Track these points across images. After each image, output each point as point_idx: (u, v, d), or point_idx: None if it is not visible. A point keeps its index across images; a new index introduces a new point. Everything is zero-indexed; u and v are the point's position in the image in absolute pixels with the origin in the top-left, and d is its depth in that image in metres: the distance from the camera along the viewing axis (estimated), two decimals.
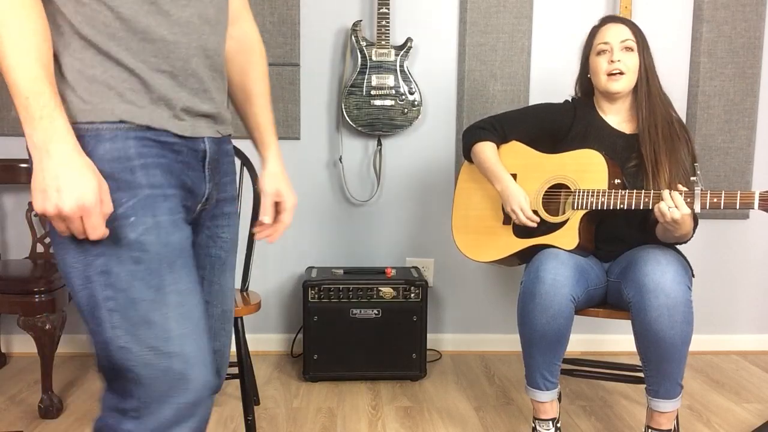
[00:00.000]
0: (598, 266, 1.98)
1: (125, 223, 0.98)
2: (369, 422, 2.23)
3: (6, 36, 0.89)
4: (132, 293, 0.98)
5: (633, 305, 1.77)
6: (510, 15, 2.80)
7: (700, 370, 2.79)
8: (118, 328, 0.98)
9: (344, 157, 2.85)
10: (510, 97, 2.83)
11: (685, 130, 1.98)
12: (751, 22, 2.84)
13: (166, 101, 1.02)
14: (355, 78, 2.70)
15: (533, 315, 1.81)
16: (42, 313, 2.16)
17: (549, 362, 1.86)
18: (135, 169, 0.99)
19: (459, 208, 2.19)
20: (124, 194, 0.98)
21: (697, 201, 1.74)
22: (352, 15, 2.77)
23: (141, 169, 0.99)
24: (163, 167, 1.02)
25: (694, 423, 2.26)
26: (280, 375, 2.66)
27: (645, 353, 1.79)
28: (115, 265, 0.98)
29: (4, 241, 2.82)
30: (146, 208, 0.99)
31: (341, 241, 2.90)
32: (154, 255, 0.99)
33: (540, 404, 1.90)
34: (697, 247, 2.12)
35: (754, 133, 2.90)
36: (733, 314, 3.04)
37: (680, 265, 1.79)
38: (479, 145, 2.09)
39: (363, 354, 2.55)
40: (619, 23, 2.00)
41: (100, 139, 0.97)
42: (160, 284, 1.00)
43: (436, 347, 2.90)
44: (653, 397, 1.82)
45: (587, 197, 1.90)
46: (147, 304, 0.98)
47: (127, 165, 0.98)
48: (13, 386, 2.50)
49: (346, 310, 2.52)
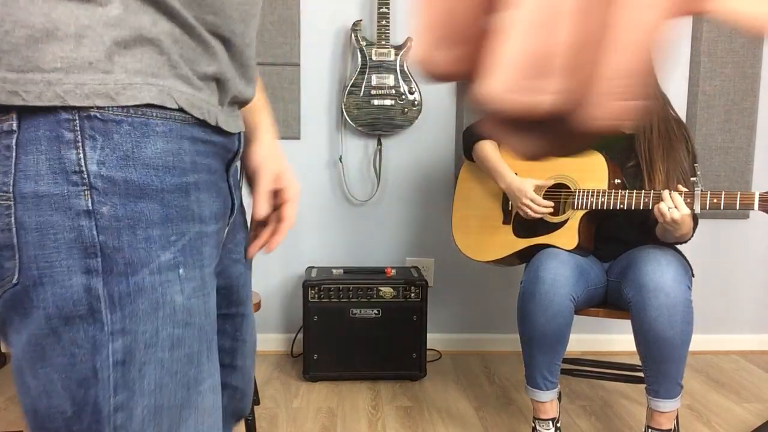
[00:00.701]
0: (598, 266, 1.98)
1: (172, 278, 0.63)
2: (369, 422, 2.23)
3: None
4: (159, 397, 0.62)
5: (633, 305, 1.77)
6: None
7: (700, 370, 2.79)
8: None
9: (344, 156, 2.84)
10: None
11: (684, 130, 1.98)
12: None
13: (222, 82, 0.69)
14: (355, 78, 2.70)
15: (533, 315, 1.81)
16: None
17: (549, 362, 1.86)
18: (189, 189, 0.65)
19: (459, 208, 2.19)
20: (173, 228, 0.63)
21: (696, 201, 1.74)
22: (352, 15, 2.77)
23: (194, 190, 0.66)
24: (210, 186, 0.69)
25: (694, 423, 2.26)
26: (280, 375, 2.66)
27: (645, 353, 1.79)
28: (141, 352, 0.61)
29: None
30: (195, 254, 0.66)
31: (341, 241, 2.90)
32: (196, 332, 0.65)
33: (540, 404, 1.90)
34: (697, 247, 2.11)
35: (754, 133, 2.90)
36: (733, 314, 3.04)
37: (680, 265, 1.79)
38: (480, 144, 2.09)
39: (363, 354, 2.55)
40: None
41: (149, 132, 0.61)
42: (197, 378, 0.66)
43: (436, 347, 2.90)
44: (653, 397, 1.82)
45: (587, 197, 1.90)
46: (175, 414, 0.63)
47: (182, 181, 0.64)
48: (13, 386, 2.50)
49: (346, 309, 2.52)
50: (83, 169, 0.58)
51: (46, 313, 0.58)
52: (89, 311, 0.58)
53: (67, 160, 0.57)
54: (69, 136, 0.57)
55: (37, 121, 0.57)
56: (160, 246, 0.61)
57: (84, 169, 0.58)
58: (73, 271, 0.58)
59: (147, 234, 0.60)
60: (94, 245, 0.58)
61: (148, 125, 0.60)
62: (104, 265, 0.59)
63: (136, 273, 0.60)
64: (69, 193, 0.57)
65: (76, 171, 0.58)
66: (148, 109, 0.60)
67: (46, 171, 0.57)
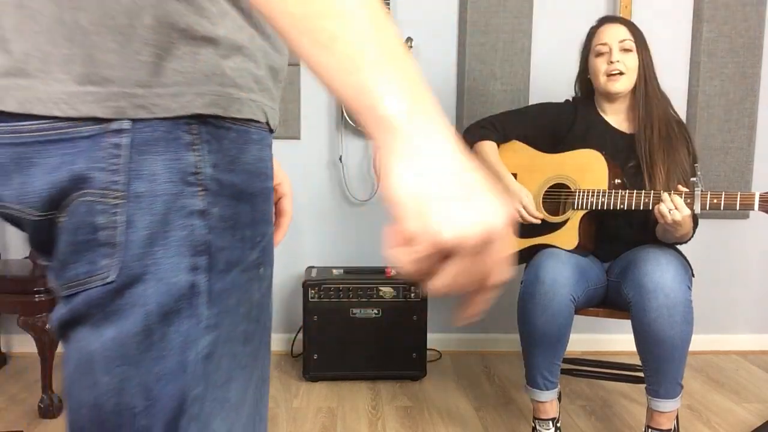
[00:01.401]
0: (598, 266, 1.98)
1: (254, 276, 0.66)
2: (369, 422, 2.23)
3: None
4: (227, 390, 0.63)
5: (633, 305, 1.78)
6: (510, 15, 2.80)
7: (700, 370, 2.79)
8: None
9: (344, 156, 2.85)
10: (510, 97, 2.83)
11: (684, 130, 1.99)
12: (751, 22, 2.84)
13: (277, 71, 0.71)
14: None
15: (533, 315, 1.81)
16: (42, 313, 2.16)
17: (549, 362, 1.86)
18: (268, 194, 0.68)
19: None
20: (258, 230, 0.66)
21: (697, 202, 1.74)
22: None
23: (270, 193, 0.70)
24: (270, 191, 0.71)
25: (694, 423, 2.26)
26: (280, 375, 2.66)
27: (645, 353, 1.79)
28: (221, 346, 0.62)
29: (4, 241, 2.82)
30: (269, 254, 0.70)
31: (341, 241, 2.90)
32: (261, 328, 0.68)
33: (540, 404, 1.90)
34: (697, 247, 2.11)
35: (754, 133, 2.90)
36: (733, 314, 3.04)
37: (680, 265, 1.79)
38: (480, 145, 2.09)
39: (363, 354, 2.55)
40: (617, 23, 2.00)
41: (248, 140, 0.65)
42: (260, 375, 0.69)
43: (436, 347, 2.90)
44: (653, 397, 1.82)
45: (587, 197, 1.90)
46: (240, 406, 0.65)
47: (265, 186, 0.68)
48: (13, 386, 2.50)
49: (346, 309, 2.52)
50: (200, 171, 0.60)
51: (144, 311, 0.58)
52: (189, 307, 0.60)
53: (185, 162, 0.59)
54: (187, 138, 0.59)
55: (153, 124, 0.58)
56: (250, 246, 0.64)
57: (201, 171, 0.60)
58: (180, 269, 0.59)
59: (242, 234, 0.63)
60: (204, 243, 0.60)
61: (248, 133, 0.64)
62: (210, 262, 0.60)
63: (232, 271, 0.62)
64: (184, 193, 0.59)
65: (193, 173, 0.59)
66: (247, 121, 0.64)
67: (163, 171, 0.58)
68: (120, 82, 0.57)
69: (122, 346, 0.59)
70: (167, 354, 0.59)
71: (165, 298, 0.59)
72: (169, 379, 0.60)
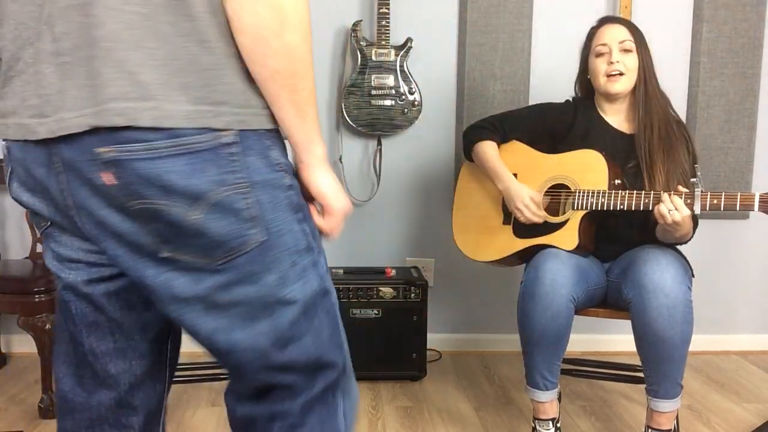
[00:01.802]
0: (598, 266, 1.98)
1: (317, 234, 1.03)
2: (369, 422, 2.23)
3: None
4: (331, 286, 1.04)
5: (633, 305, 1.78)
6: (510, 15, 2.80)
7: (700, 370, 2.79)
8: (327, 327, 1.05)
9: (344, 157, 2.85)
10: (510, 97, 2.83)
11: (684, 130, 1.98)
12: (751, 22, 2.84)
13: None
14: (355, 78, 2.70)
15: (533, 315, 1.81)
16: (42, 313, 2.16)
17: (549, 362, 1.86)
18: None
19: (459, 208, 2.19)
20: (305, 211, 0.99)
21: (697, 202, 1.74)
22: (352, 15, 2.77)
23: None
24: None
25: (694, 423, 2.26)
26: None
27: (645, 353, 1.79)
28: (321, 251, 1.02)
29: (4, 241, 2.82)
30: None
31: (341, 241, 2.90)
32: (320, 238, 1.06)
33: (540, 404, 1.90)
34: (697, 247, 2.11)
35: (754, 133, 2.90)
36: (733, 314, 3.04)
37: (680, 266, 1.79)
38: (480, 145, 2.09)
39: (363, 354, 2.53)
40: (617, 24, 2.00)
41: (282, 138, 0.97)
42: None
43: (436, 347, 2.90)
44: (653, 397, 1.82)
45: (587, 197, 1.90)
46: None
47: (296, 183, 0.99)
48: (13, 386, 2.50)
49: (346, 310, 2.52)
50: (281, 161, 0.94)
51: (288, 252, 0.94)
52: (307, 243, 0.97)
53: (272, 157, 0.92)
54: (268, 142, 0.92)
55: (248, 135, 0.89)
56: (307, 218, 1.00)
57: (281, 161, 0.94)
58: (294, 222, 0.95)
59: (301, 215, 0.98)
60: (299, 204, 0.96)
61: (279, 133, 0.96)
62: (303, 215, 0.97)
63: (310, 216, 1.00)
64: (279, 177, 0.93)
65: (278, 162, 0.93)
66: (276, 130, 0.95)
67: (262, 165, 0.90)
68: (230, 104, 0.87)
69: (282, 276, 0.94)
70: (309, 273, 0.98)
71: (296, 241, 0.95)
72: (314, 285, 0.99)
